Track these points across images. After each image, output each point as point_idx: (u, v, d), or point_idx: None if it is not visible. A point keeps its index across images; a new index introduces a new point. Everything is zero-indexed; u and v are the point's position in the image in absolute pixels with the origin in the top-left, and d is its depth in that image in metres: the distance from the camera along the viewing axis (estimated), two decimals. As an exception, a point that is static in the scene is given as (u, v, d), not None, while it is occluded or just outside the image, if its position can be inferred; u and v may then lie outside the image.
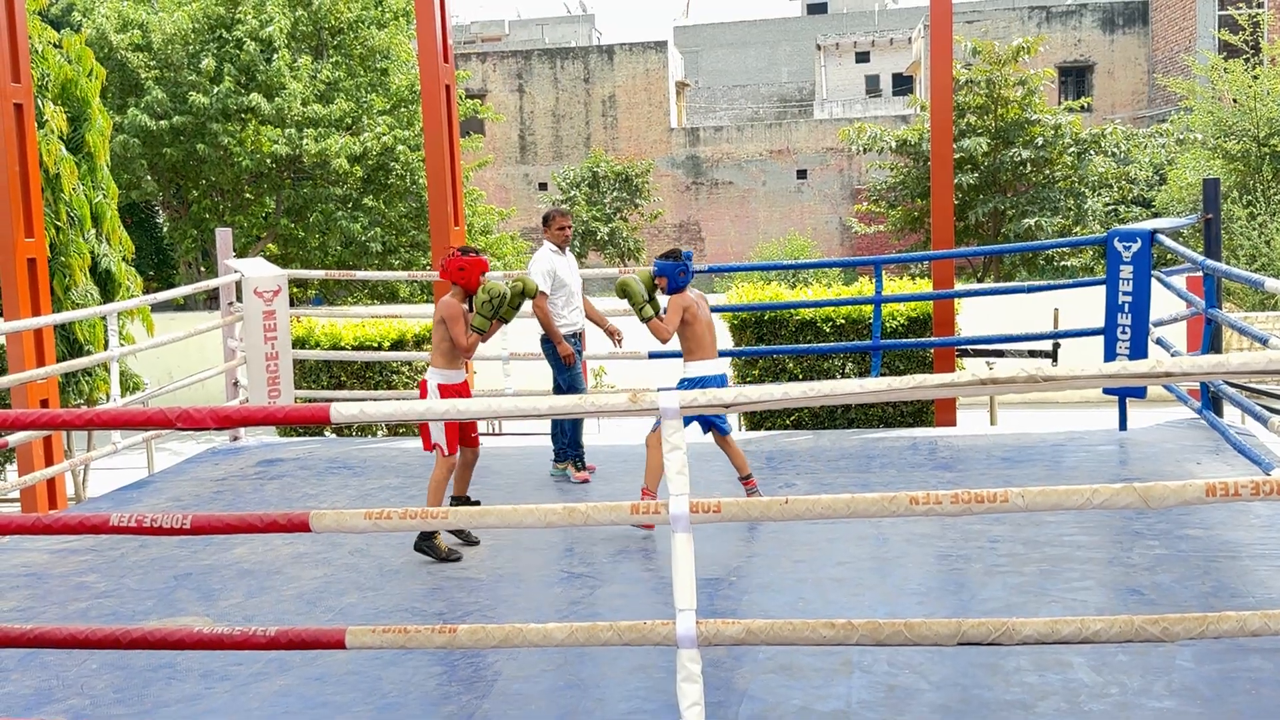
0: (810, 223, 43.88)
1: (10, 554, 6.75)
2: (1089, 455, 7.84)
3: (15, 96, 8.68)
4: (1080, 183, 26.27)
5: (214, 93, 24.03)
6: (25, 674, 4.80)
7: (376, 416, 3.36)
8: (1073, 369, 3.03)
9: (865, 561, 5.78)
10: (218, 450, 9.56)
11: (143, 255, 25.27)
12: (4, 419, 3.69)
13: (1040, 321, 12.29)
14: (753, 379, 10.49)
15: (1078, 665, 4.34)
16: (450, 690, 4.47)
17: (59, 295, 12.27)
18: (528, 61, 46.04)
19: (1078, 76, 42.92)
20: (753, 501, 3.21)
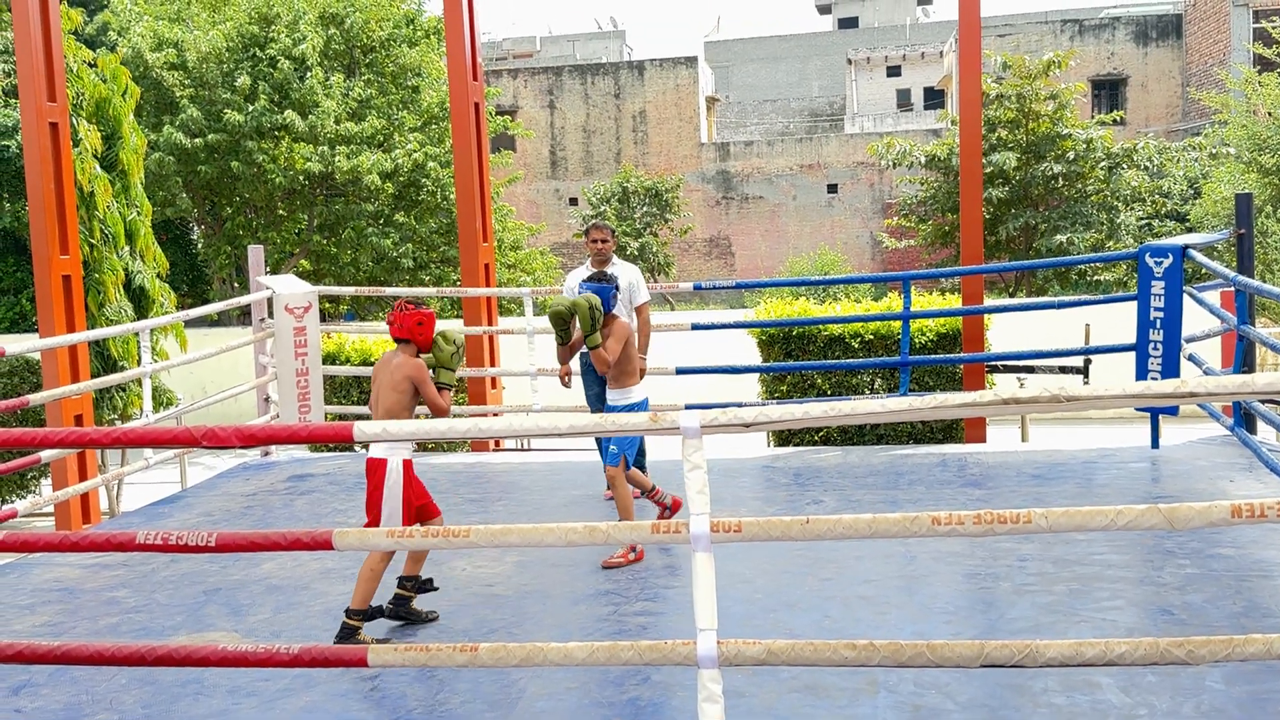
0: (841, 237, 43.79)
1: (43, 569, 6.82)
2: (1121, 473, 7.77)
3: (51, 115, 8.80)
4: (1113, 197, 26.10)
5: (249, 110, 24.29)
6: (55, 689, 4.85)
7: (399, 435, 3.38)
8: (1095, 389, 3.01)
9: (893, 580, 5.74)
10: (249, 465, 9.63)
11: (177, 271, 25.54)
12: (33, 438, 3.73)
13: (1072, 337, 12.19)
14: (780, 395, 10.47)
15: (1106, 686, 4.30)
16: (474, 708, 4.47)
17: (93, 312, 12.42)
18: (559, 77, 46.25)
19: (1111, 90, 42.66)
20: (774, 521, 3.21)
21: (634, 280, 7.63)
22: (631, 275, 7.64)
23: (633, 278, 7.63)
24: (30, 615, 5.95)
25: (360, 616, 5.11)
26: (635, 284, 7.63)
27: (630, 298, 7.60)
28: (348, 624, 5.10)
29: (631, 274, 7.65)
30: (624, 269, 7.63)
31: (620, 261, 7.69)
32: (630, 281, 7.61)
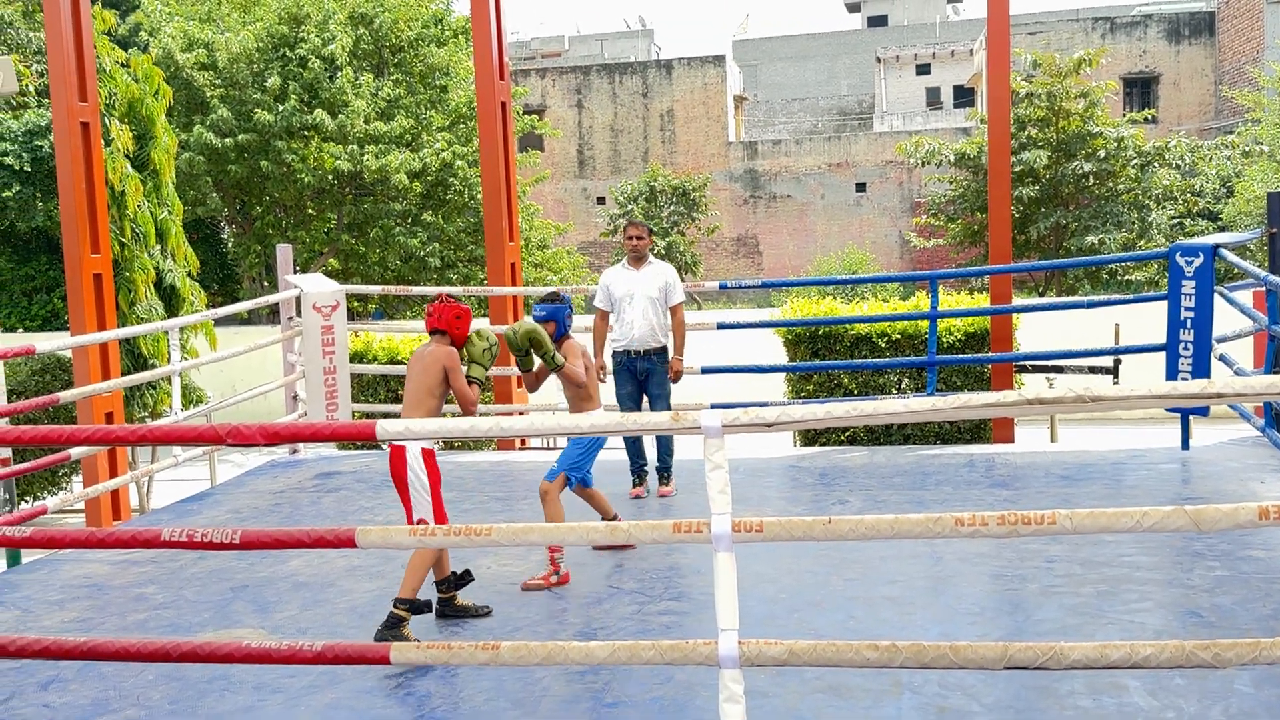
0: (869, 236, 43.64)
1: (73, 565, 6.88)
2: (1150, 474, 7.71)
3: (82, 115, 8.88)
4: (1144, 196, 25.89)
5: (279, 110, 24.43)
6: (83, 685, 4.89)
7: (421, 434, 3.39)
8: (1123, 390, 2.98)
9: (918, 580, 5.72)
10: (277, 463, 9.68)
11: (208, 270, 25.72)
12: (63, 435, 3.77)
13: (1101, 337, 12.10)
14: (807, 394, 10.44)
15: (1133, 689, 4.26)
16: (498, 705, 4.48)
17: (124, 310, 12.52)
18: (586, 77, 46.29)
19: (1142, 88, 42.33)
20: (796, 521, 3.20)
21: (669, 280, 7.62)
22: (667, 275, 7.63)
23: (669, 277, 7.63)
24: (59, 611, 6.01)
25: (407, 607, 5.09)
26: (670, 284, 7.62)
27: (665, 298, 7.59)
28: (395, 614, 5.09)
29: (667, 273, 7.64)
30: (660, 268, 7.64)
31: (656, 260, 7.70)
32: (666, 281, 7.61)
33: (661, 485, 7.77)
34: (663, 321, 7.60)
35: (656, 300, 7.55)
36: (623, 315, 7.59)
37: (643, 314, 7.52)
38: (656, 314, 7.56)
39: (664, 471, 7.79)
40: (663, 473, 7.79)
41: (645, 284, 7.55)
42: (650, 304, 7.53)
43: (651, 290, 7.54)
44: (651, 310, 7.53)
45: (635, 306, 7.53)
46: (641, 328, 7.52)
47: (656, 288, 7.55)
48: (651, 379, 7.60)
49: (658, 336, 7.56)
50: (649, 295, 7.52)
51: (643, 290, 7.53)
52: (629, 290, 7.57)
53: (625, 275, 7.63)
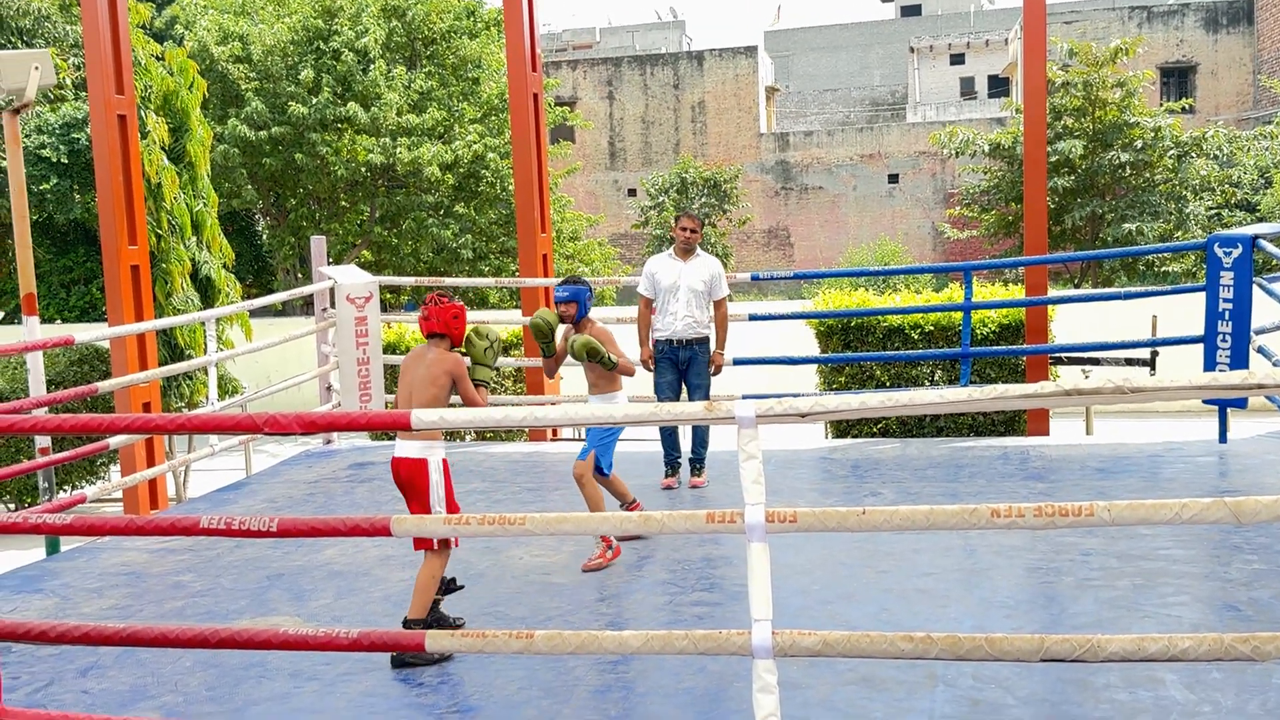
0: (901, 228, 43.42)
1: (112, 553, 6.96)
2: (1187, 467, 7.64)
3: (119, 108, 8.95)
4: (1181, 186, 25.61)
5: (312, 103, 24.56)
6: (122, 671, 4.95)
7: (456, 423, 3.40)
8: (1160, 381, 2.95)
9: (952, 573, 5.69)
10: (311, 453, 9.75)
11: (243, 262, 25.91)
12: (101, 423, 3.81)
13: (1138, 329, 12.01)
14: (839, 386, 10.41)
15: (1170, 682, 4.23)
16: (530, 694, 4.50)
17: (161, 301, 12.63)
18: (618, 68, 46.26)
19: (1180, 77, 41.88)
20: (829, 512, 3.19)
21: (715, 273, 7.64)
22: (714, 268, 7.65)
23: (715, 270, 7.64)
24: (98, 598, 6.08)
25: (422, 626, 4.92)
26: (716, 277, 7.63)
27: (710, 291, 7.60)
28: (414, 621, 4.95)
29: (713, 267, 7.66)
30: (707, 261, 7.67)
31: (704, 254, 7.73)
32: (712, 275, 7.62)
33: (694, 476, 7.77)
34: (706, 314, 7.62)
35: (701, 293, 7.57)
36: (666, 305, 7.62)
37: (686, 305, 7.55)
38: (700, 306, 7.59)
39: (697, 462, 7.80)
40: (696, 463, 7.80)
41: (691, 276, 7.57)
42: (694, 296, 7.56)
43: (696, 283, 7.56)
44: (695, 303, 7.56)
45: (680, 298, 7.57)
46: (684, 319, 7.56)
47: (701, 280, 7.57)
48: (692, 368, 7.63)
49: (700, 328, 7.59)
50: (694, 288, 7.55)
51: (688, 282, 7.56)
52: (675, 281, 7.60)
53: (672, 266, 7.64)
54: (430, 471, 4.95)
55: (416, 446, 4.96)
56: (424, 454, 4.95)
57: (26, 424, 3.99)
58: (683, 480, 7.84)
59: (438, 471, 4.97)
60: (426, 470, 4.94)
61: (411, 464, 4.97)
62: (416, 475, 4.95)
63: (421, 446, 4.96)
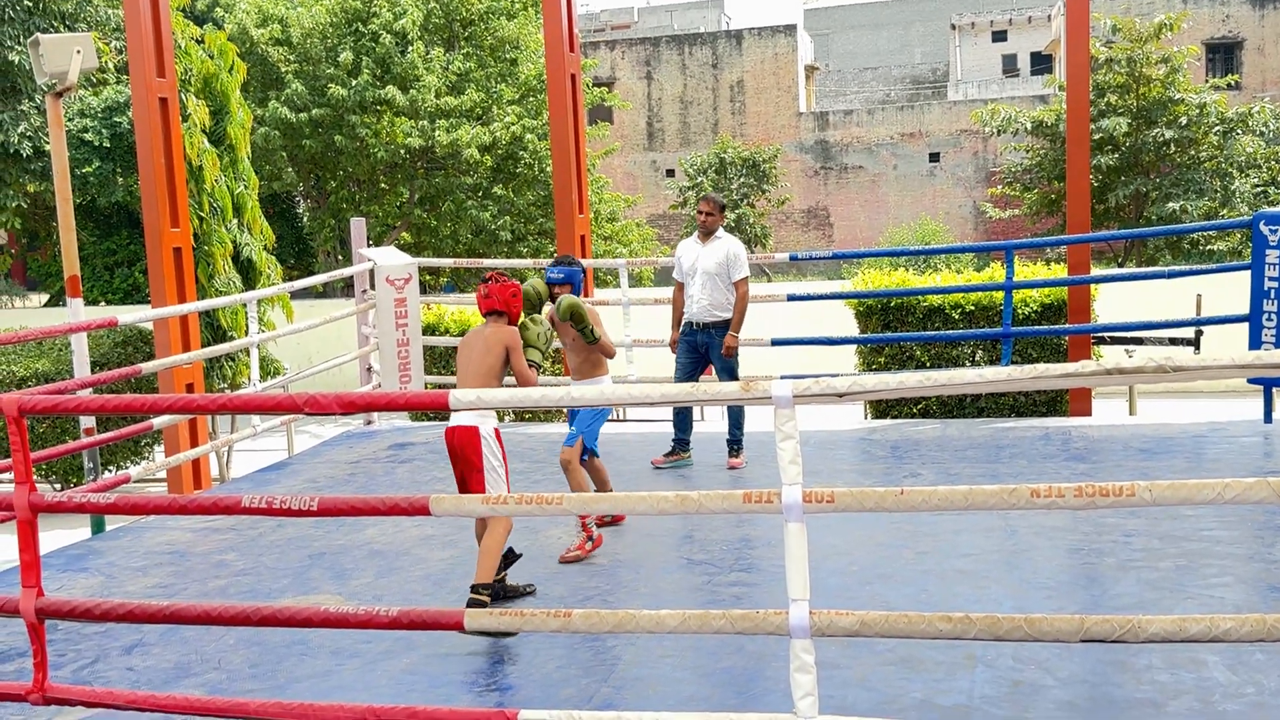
0: (942, 207, 43.07)
1: (156, 532, 7.05)
2: (1231, 447, 7.54)
3: (160, 91, 9.03)
4: (1227, 163, 25.25)
5: (351, 85, 24.66)
6: (166, 648, 5.02)
7: (493, 403, 3.41)
8: (1204, 359, 2.91)
9: (992, 554, 5.66)
10: (352, 434, 9.83)
11: (283, 244, 26.10)
12: (145, 404, 3.85)
13: (1182, 308, 11.85)
14: (878, 367, 10.36)
15: (1212, 664, 4.19)
16: (569, 674, 4.52)
17: (203, 283, 12.76)
18: (656, 48, 46.10)
19: (1225, 53, 41.20)
20: (867, 492, 3.17)
21: (730, 255, 7.56)
22: (730, 249, 7.58)
23: (731, 251, 7.57)
24: (143, 577, 6.16)
25: (488, 591, 4.94)
26: (733, 258, 7.56)
27: (727, 272, 7.54)
28: (476, 599, 4.90)
29: (730, 248, 7.59)
30: (725, 243, 7.61)
31: (725, 234, 7.69)
32: (727, 256, 7.55)
33: (731, 457, 7.76)
34: (726, 296, 7.56)
35: (717, 275, 7.52)
36: (689, 289, 7.64)
37: (703, 287, 7.53)
38: (718, 288, 7.54)
39: (734, 444, 7.78)
40: (733, 445, 7.78)
41: (708, 258, 7.55)
42: (710, 279, 7.52)
43: (711, 265, 7.52)
44: (711, 285, 7.52)
45: (697, 280, 7.57)
46: (701, 301, 7.55)
47: (716, 262, 7.52)
48: (712, 352, 7.64)
49: (716, 311, 7.54)
50: (709, 270, 7.52)
51: (704, 265, 7.54)
52: (694, 264, 7.62)
53: (693, 249, 7.67)
54: (483, 439, 5.05)
55: (470, 414, 5.04)
56: (475, 421, 5.07)
57: (71, 404, 4.04)
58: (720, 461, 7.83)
59: (491, 438, 5.07)
60: (478, 438, 5.05)
61: (464, 431, 5.08)
62: (469, 443, 5.06)
63: (474, 414, 5.03)
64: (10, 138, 18.96)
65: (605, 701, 4.23)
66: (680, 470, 7.81)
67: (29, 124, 19.16)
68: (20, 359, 12.59)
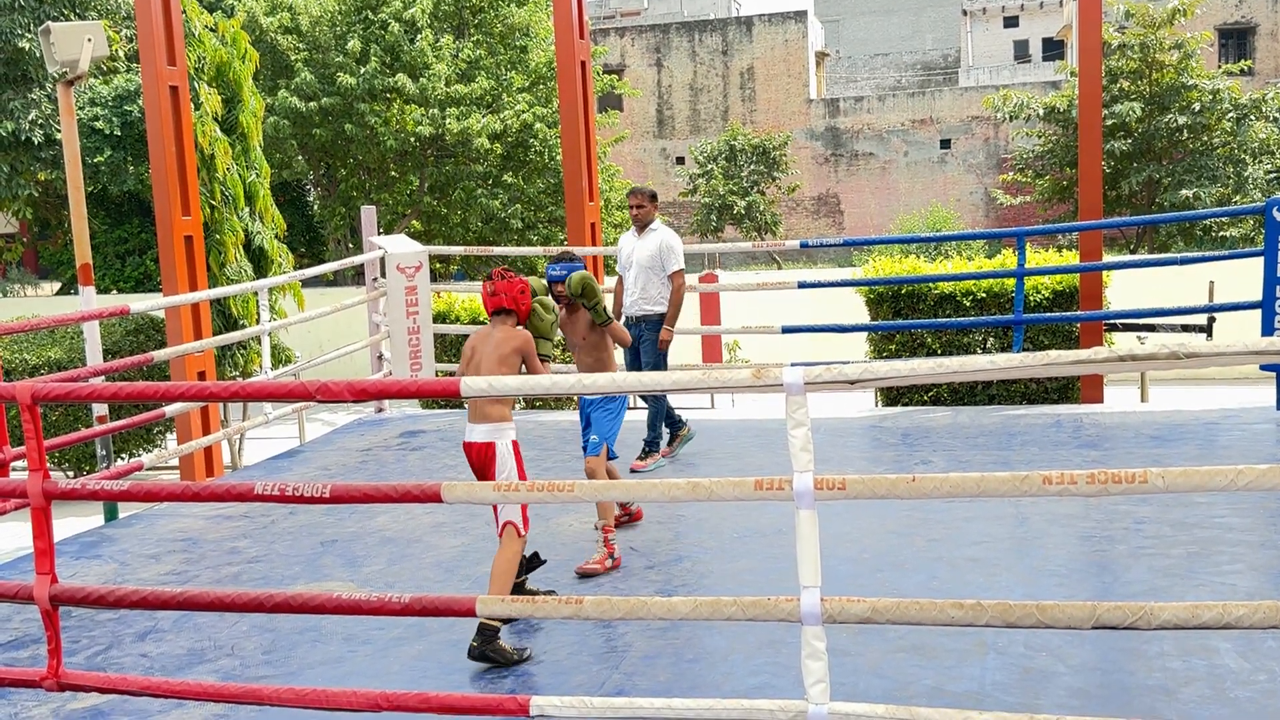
0: (953, 194, 42.94)
1: (169, 519, 7.08)
2: (1244, 434, 7.52)
3: (171, 79, 9.03)
4: (1240, 150, 25.13)
5: (360, 73, 24.65)
6: (179, 635, 5.04)
7: (503, 390, 3.42)
8: (1218, 345, 2.90)
9: (1003, 541, 5.66)
10: (364, 421, 9.85)
11: (294, 232, 26.15)
12: (158, 391, 3.86)
13: (1195, 295, 11.81)
14: (889, 355, 10.34)
15: (1224, 651, 4.19)
16: (581, 660, 4.53)
17: (215, 271, 12.78)
18: (666, 35, 45.98)
19: (1239, 39, 40.95)
20: (879, 479, 3.17)
21: (665, 247, 7.38)
22: (663, 241, 7.39)
23: (666, 244, 7.39)
24: (156, 564, 6.19)
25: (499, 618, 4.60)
26: (665, 250, 7.38)
27: (661, 265, 7.37)
28: (488, 625, 4.53)
29: (663, 240, 7.40)
30: (659, 235, 7.43)
31: (660, 226, 7.51)
32: (660, 248, 7.37)
33: (639, 459, 7.57)
34: (660, 290, 7.41)
35: (650, 268, 7.38)
36: (626, 282, 7.53)
37: (636, 280, 7.41)
38: (651, 281, 7.39)
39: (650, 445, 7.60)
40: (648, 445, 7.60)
41: (642, 250, 7.42)
42: (644, 271, 7.39)
43: (645, 257, 7.39)
44: (645, 277, 7.39)
45: (631, 273, 7.45)
46: (634, 294, 7.43)
47: (649, 254, 7.38)
48: (641, 346, 7.45)
49: (646, 304, 7.40)
50: (643, 263, 7.39)
51: (638, 258, 7.42)
52: (629, 257, 7.50)
53: (629, 242, 7.54)
54: (499, 455, 4.79)
55: (484, 430, 4.81)
56: (491, 437, 4.79)
57: (84, 392, 4.06)
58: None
59: (507, 453, 4.81)
60: (495, 454, 4.79)
61: (481, 448, 4.82)
62: (488, 459, 4.81)
63: (489, 430, 4.80)
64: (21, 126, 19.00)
65: (617, 688, 4.24)
66: (689, 461, 7.80)
67: (40, 112, 19.20)
68: (33, 347, 12.64)
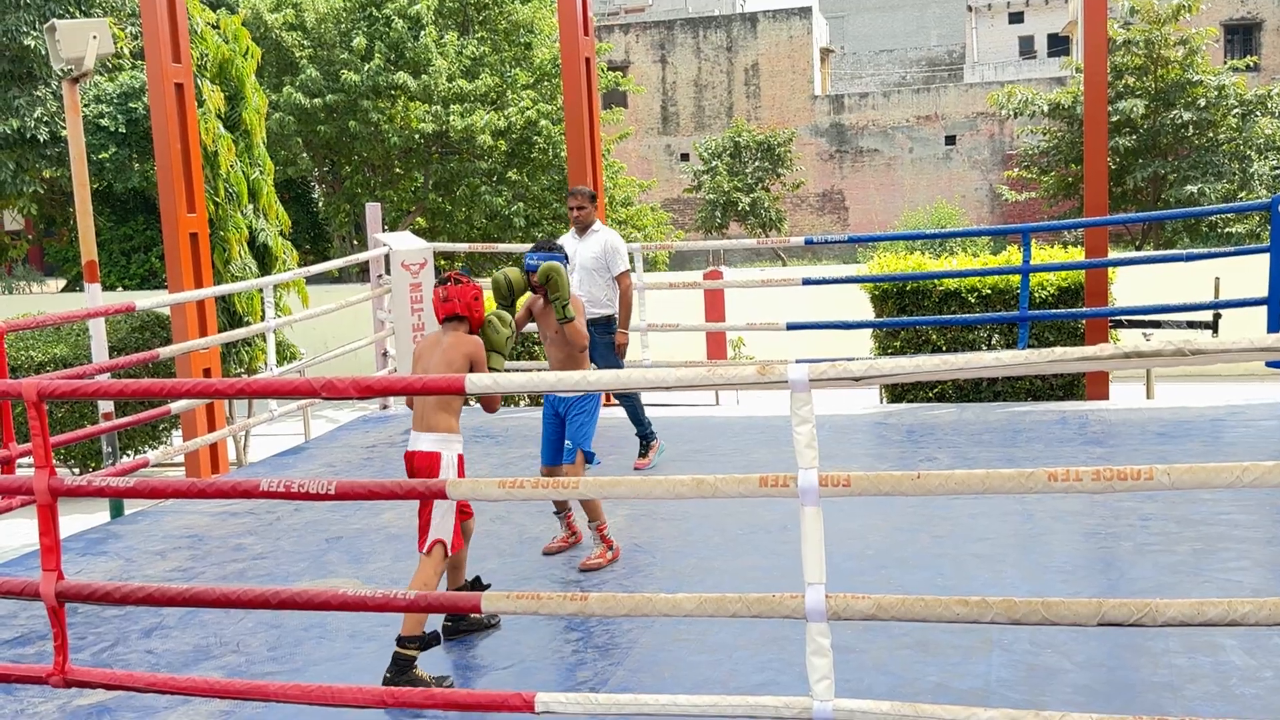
0: (958, 190, 42.90)
1: (174, 516, 7.09)
2: (1249, 431, 7.51)
3: (175, 76, 9.04)
4: (1245, 146, 25.08)
5: (364, 70, 24.65)
6: (185, 631, 5.05)
7: (509, 388, 3.42)
8: (1223, 342, 2.90)
9: (1008, 538, 5.65)
10: (369, 418, 9.85)
11: (299, 229, 26.14)
12: (163, 388, 3.87)
13: (1201, 291, 11.79)
14: (894, 351, 10.34)
15: (1230, 648, 4.18)
16: (586, 656, 4.54)
17: (219, 268, 12.79)
18: (670, 31, 45.96)
19: (1244, 35, 40.87)
20: (883, 476, 3.17)
21: (609, 248, 7.26)
22: (607, 243, 7.28)
23: (608, 245, 7.27)
24: (161, 561, 6.20)
25: (416, 644, 4.31)
26: (610, 252, 7.26)
27: (606, 267, 7.26)
28: (402, 654, 4.28)
29: (607, 241, 7.28)
30: (602, 236, 7.31)
31: (603, 227, 7.39)
32: (604, 249, 7.25)
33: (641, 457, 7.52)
34: (606, 292, 7.28)
35: (595, 270, 7.26)
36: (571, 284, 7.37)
37: (580, 283, 7.27)
38: (595, 283, 7.25)
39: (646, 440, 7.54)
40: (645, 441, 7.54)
41: (585, 252, 7.28)
42: (587, 273, 7.26)
43: (588, 259, 7.27)
44: (589, 280, 7.26)
45: (575, 276, 7.27)
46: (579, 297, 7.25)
47: (593, 256, 7.26)
48: (593, 349, 7.19)
49: (593, 307, 7.21)
50: (586, 265, 7.27)
51: (581, 260, 7.28)
52: (571, 260, 7.24)
53: (570, 244, 7.37)
54: (443, 468, 4.52)
55: (431, 439, 4.54)
56: (438, 447, 4.53)
57: (90, 389, 4.06)
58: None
59: (451, 468, 4.54)
60: (439, 465, 4.52)
61: (425, 457, 4.53)
62: (428, 470, 4.53)
63: (436, 439, 4.54)
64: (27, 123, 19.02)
65: (621, 685, 4.24)
66: (694, 456, 7.80)
67: (45, 109, 19.22)
68: (38, 344, 12.66)
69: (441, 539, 4.46)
